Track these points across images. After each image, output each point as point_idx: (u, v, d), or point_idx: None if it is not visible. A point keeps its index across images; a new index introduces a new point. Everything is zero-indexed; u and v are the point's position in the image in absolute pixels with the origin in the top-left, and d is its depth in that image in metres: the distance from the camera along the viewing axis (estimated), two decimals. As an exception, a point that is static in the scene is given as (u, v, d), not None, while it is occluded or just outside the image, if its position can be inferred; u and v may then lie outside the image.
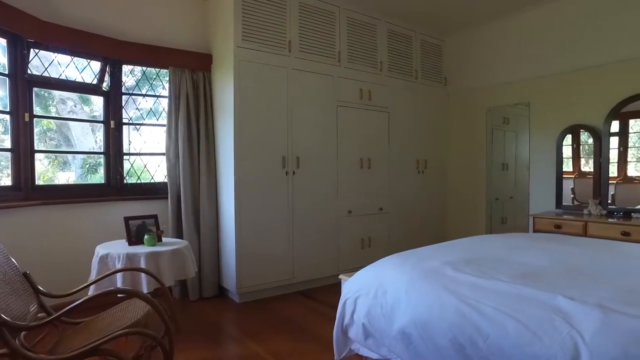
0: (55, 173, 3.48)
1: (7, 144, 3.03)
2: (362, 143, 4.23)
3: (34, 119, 3.16)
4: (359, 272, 2.15)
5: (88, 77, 3.40)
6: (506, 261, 2.05)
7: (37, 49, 3.11)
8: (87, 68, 3.39)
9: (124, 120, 3.57)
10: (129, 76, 3.69)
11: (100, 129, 3.56)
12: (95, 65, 3.41)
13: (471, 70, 4.85)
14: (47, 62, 3.20)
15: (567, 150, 4.05)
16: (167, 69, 3.62)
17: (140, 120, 3.73)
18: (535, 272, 1.82)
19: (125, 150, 3.58)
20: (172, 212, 3.57)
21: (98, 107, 3.58)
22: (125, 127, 3.59)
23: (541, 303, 1.46)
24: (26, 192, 3.06)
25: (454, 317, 1.56)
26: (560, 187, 4.04)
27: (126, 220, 2.90)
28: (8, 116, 3.01)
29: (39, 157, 3.29)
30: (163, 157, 3.68)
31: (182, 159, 3.57)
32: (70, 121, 3.57)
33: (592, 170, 3.86)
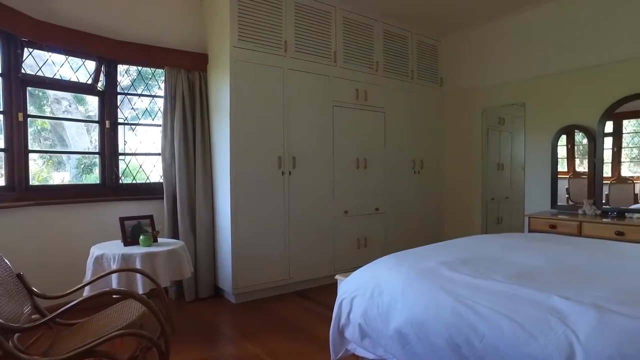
0: (50, 173, 3.46)
1: (1, 144, 3.00)
2: (358, 143, 4.23)
3: (28, 119, 3.14)
4: (355, 272, 2.14)
5: (83, 76, 3.38)
6: (502, 261, 2.05)
7: (31, 48, 3.09)
8: (81, 67, 3.37)
9: (119, 120, 3.56)
10: (124, 76, 3.67)
11: (95, 129, 3.54)
12: (90, 64, 3.40)
13: (467, 71, 4.87)
14: (42, 62, 3.18)
15: (562, 151, 4.07)
16: (162, 69, 3.61)
17: (136, 120, 3.72)
18: (531, 272, 1.83)
19: (121, 150, 3.57)
20: (168, 212, 3.56)
21: (93, 107, 3.56)
22: (120, 127, 3.57)
23: (536, 303, 1.47)
24: (20, 192, 3.04)
25: (450, 317, 1.56)
26: (555, 187, 4.06)
27: (121, 220, 2.89)
28: (1, 116, 2.99)
29: (33, 157, 3.26)
30: (159, 157, 3.67)
31: (177, 159, 3.56)
32: (64, 121, 3.54)
33: (586, 170, 3.89)
